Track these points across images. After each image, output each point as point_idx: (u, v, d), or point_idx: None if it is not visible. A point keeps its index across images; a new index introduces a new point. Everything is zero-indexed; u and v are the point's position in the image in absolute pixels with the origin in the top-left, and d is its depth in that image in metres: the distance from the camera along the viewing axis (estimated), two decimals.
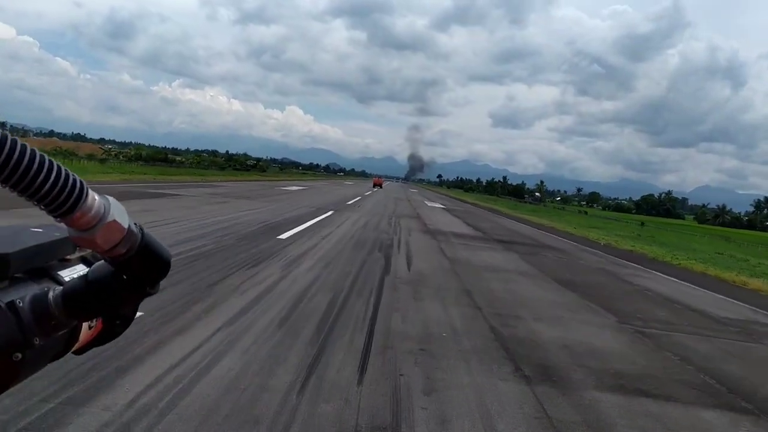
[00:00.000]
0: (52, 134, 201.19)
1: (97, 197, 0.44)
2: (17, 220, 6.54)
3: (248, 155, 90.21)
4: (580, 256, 12.95)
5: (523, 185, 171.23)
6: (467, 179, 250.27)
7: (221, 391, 2.69)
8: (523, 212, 39.06)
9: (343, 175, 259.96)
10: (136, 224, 0.47)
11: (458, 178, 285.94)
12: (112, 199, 0.45)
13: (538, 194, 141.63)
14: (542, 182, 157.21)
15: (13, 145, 0.38)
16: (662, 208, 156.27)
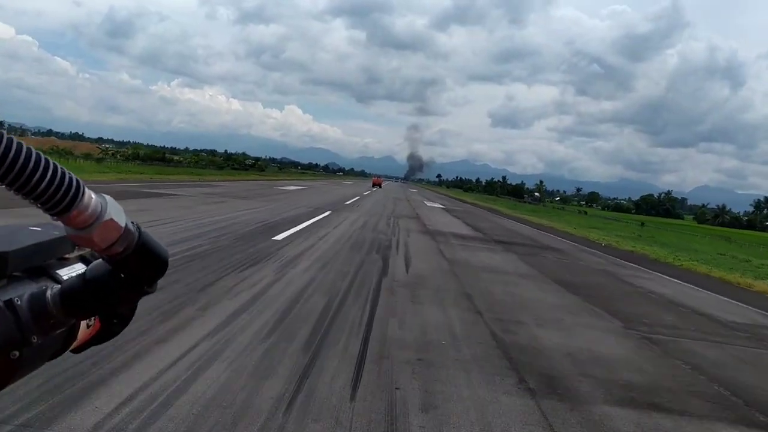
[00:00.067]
0: (50, 133, 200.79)
1: (93, 196, 0.44)
2: (15, 219, 6.32)
3: (247, 155, 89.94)
4: (580, 257, 12.75)
5: (522, 185, 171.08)
6: (466, 179, 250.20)
7: (200, 408, 2.48)
8: (522, 212, 38.87)
9: (342, 174, 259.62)
10: (133, 223, 0.48)
11: (457, 177, 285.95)
12: (108, 197, 0.45)
13: (537, 194, 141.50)
14: (542, 182, 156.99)
15: (9, 143, 0.38)
16: (662, 208, 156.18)
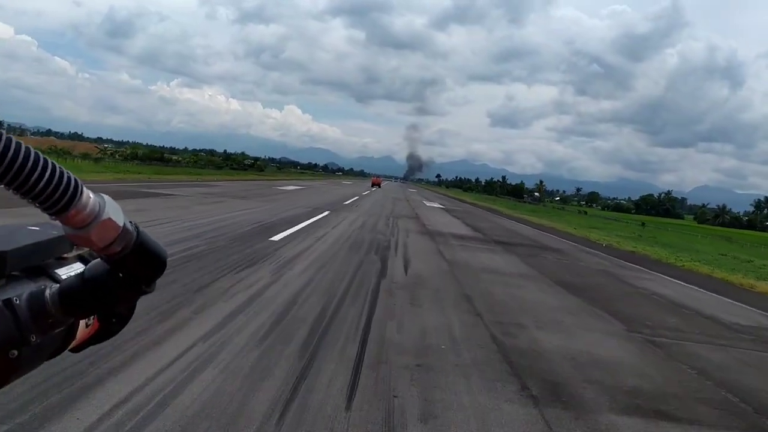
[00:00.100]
0: (49, 133, 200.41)
1: (92, 195, 0.44)
2: (14, 219, 6.21)
3: (246, 154, 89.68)
4: (581, 257, 12.65)
5: (521, 185, 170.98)
6: (466, 179, 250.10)
7: (187, 420, 2.37)
8: (522, 212, 38.77)
9: (341, 174, 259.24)
10: (131, 222, 0.47)
11: (457, 177, 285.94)
12: (107, 197, 0.45)
13: (537, 194, 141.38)
14: (541, 182, 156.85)
15: (8, 143, 0.38)
16: (662, 208, 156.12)
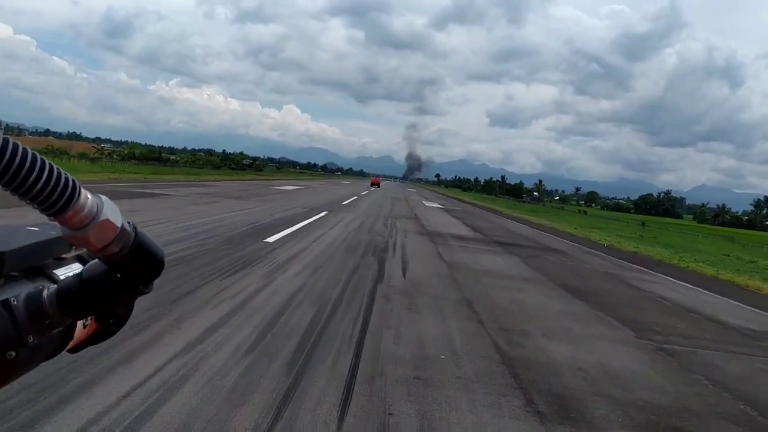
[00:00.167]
0: (48, 133, 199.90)
1: (90, 196, 0.43)
2: (13, 219, 5.96)
3: (245, 154, 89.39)
4: (584, 258, 12.41)
5: (521, 184, 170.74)
6: (465, 178, 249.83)
7: None
8: (522, 212, 38.53)
9: (340, 174, 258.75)
10: (129, 223, 0.47)
11: (456, 177, 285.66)
12: (105, 198, 0.45)
13: (536, 194, 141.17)
14: (541, 181, 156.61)
15: (5, 143, 0.37)
16: (661, 207, 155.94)
